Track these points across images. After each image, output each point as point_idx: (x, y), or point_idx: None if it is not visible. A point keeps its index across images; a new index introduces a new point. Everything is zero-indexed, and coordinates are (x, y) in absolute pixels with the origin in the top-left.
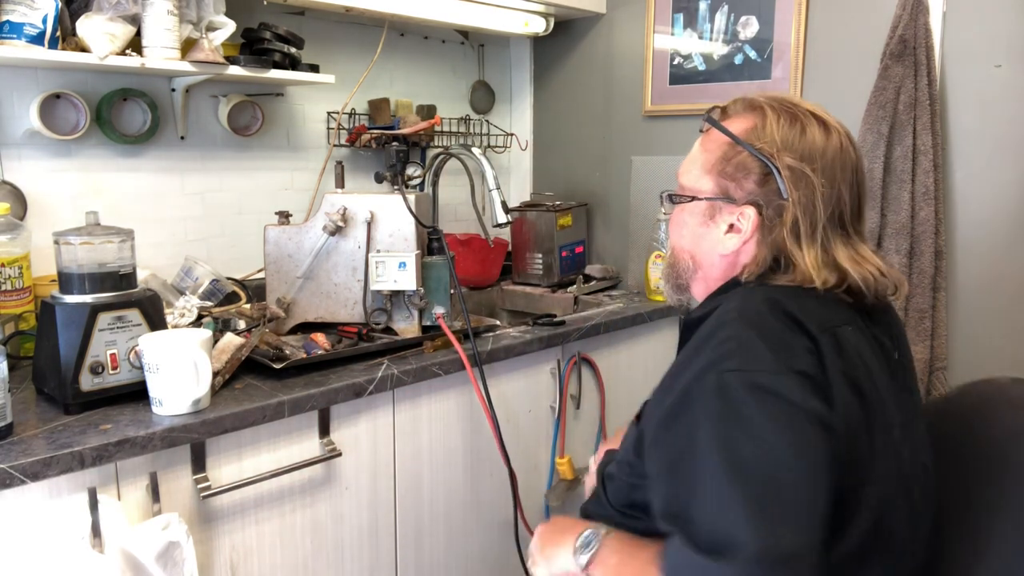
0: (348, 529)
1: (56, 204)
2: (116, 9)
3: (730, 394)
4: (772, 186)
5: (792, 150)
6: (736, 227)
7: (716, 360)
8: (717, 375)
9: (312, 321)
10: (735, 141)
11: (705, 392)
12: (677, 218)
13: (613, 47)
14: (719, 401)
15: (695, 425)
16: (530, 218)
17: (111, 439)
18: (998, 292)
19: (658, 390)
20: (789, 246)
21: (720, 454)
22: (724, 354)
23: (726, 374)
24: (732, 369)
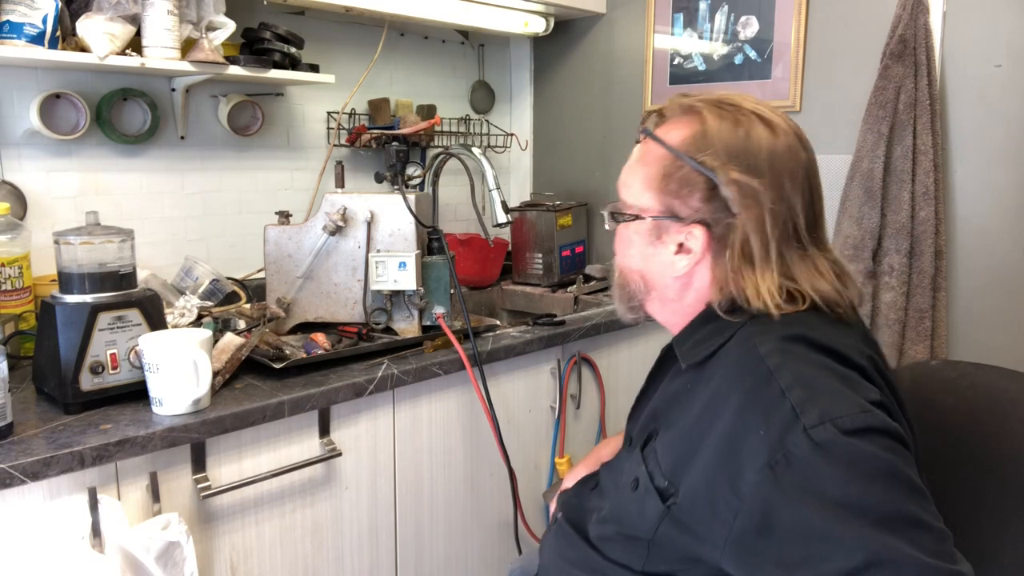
0: (348, 529)
1: (56, 204)
2: (116, 9)
3: (833, 453)
4: (720, 202)
5: (737, 160)
6: (686, 247)
7: (791, 419)
8: (804, 437)
9: (312, 321)
10: (676, 155)
11: (799, 460)
12: (622, 235)
13: (613, 47)
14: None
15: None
16: (530, 218)
17: (111, 439)
18: (998, 292)
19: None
20: (741, 269)
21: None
22: (797, 408)
23: (816, 430)
24: (818, 423)
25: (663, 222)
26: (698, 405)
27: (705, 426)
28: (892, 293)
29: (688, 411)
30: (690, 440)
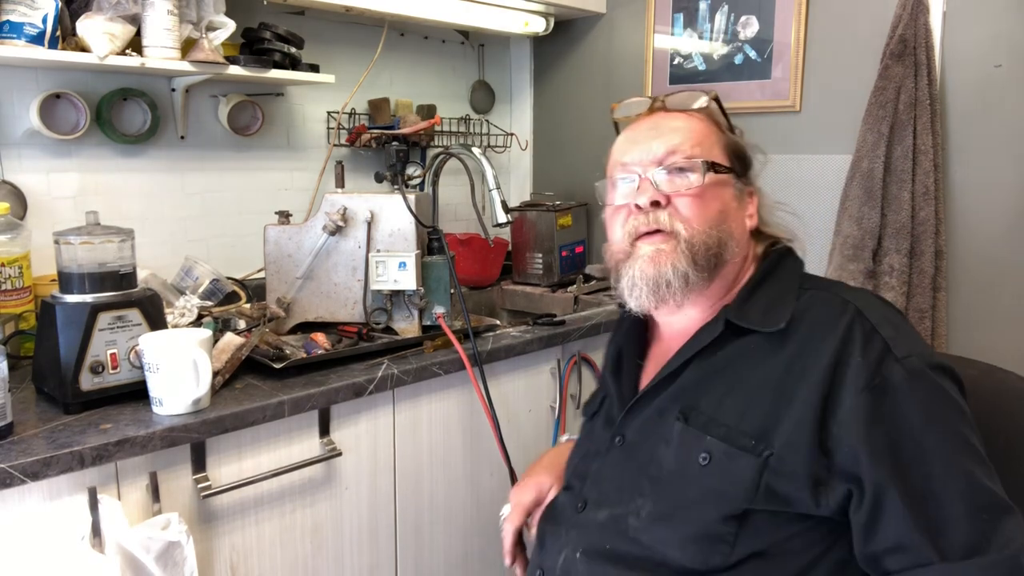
0: (348, 529)
1: (56, 204)
2: (116, 9)
3: (923, 381)
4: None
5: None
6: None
7: (884, 350)
8: (898, 365)
9: (312, 321)
10: (729, 129)
11: (895, 385)
12: (707, 192)
13: (613, 47)
14: (915, 390)
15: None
16: (530, 218)
17: (111, 439)
18: (998, 292)
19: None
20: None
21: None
22: (889, 341)
23: (907, 360)
24: (908, 355)
25: (738, 184)
26: (781, 357)
27: (798, 373)
28: (892, 293)
29: (760, 365)
30: (777, 390)
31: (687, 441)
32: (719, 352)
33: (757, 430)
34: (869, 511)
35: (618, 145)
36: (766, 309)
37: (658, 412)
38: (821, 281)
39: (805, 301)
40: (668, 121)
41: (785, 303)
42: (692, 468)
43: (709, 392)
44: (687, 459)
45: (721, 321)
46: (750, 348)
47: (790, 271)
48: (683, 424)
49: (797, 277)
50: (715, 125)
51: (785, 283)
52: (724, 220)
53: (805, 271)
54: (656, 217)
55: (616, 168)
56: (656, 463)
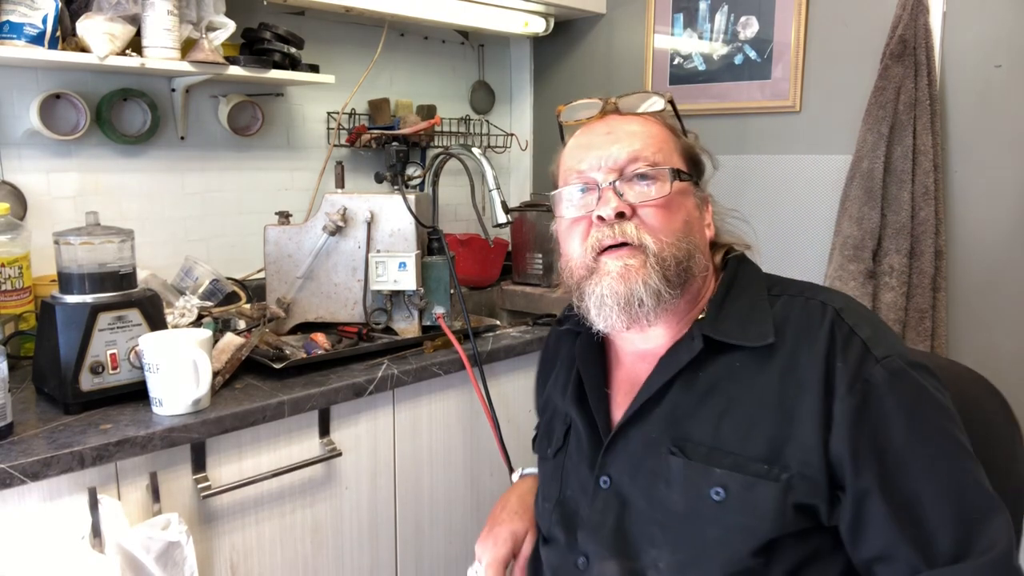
0: (348, 529)
1: (56, 204)
2: (116, 9)
3: (903, 380)
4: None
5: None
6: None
7: (863, 351)
8: (879, 367)
9: (312, 321)
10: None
11: (876, 387)
12: (673, 202)
13: (613, 47)
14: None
15: (883, 423)
16: (530, 218)
17: (111, 439)
18: (998, 292)
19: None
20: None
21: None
22: (867, 342)
23: (885, 362)
24: (886, 355)
25: (698, 190)
26: (772, 372)
27: (795, 386)
28: (892, 293)
29: (751, 383)
30: (775, 407)
31: (692, 477)
32: (700, 372)
33: (766, 453)
34: (852, 518)
35: (570, 151)
36: (742, 321)
37: (644, 446)
38: (787, 284)
39: (781, 309)
40: (624, 125)
41: (761, 313)
42: (706, 506)
43: (699, 418)
44: (698, 497)
45: (698, 338)
46: (736, 365)
47: (752, 277)
48: (682, 459)
49: (762, 283)
50: (670, 129)
51: (752, 291)
52: (690, 231)
53: (763, 273)
54: (622, 229)
55: (570, 176)
56: (660, 507)
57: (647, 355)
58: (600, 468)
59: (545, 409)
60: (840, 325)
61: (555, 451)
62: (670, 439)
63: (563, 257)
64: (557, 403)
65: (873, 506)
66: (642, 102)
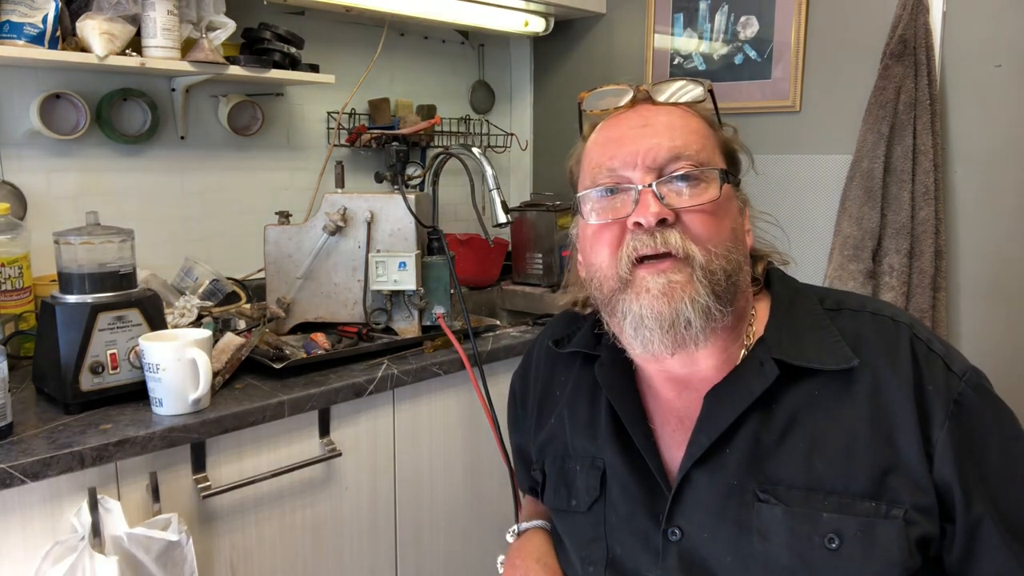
0: (348, 529)
1: (56, 204)
2: (116, 9)
3: (985, 394)
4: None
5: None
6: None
7: (946, 370)
8: (964, 385)
9: (312, 321)
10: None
11: (968, 406)
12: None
13: (613, 47)
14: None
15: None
16: (530, 218)
17: (111, 439)
18: (998, 292)
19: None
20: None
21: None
22: (945, 359)
23: (967, 377)
24: (964, 371)
25: (739, 191)
26: (858, 397)
27: (886, 410)
28: (892, 293)
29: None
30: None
31: (796, 527)
32: (776, 406)
33: (870, 488)
34: (964, 548)
35: (598, 145)
36: (811, 342)
37: (721, 493)
38: (837, 296)
39: (847, 326)
40: (660, 116)
41: (828, 333)
42: (818, 557)
43: (783, 457)
44: (808, 548)
45: (770, 363)
46: (815, 393)
47: (801, 291)
48: (780, 506)
49: (814, 297)
50: (709, 123)
51: (807, 307)
52: (737, 240)
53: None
54: (664, 238)
55: (599, 174)
56: (759, 563)
57: (692, 382)
58: (668, 519)
59: (544, 451)
60: (918, 344)
61: (590, 503)
62: (755, 484)
63: (587, 266)
64: (576, 444)
65: (985, 533)
66: (679, 90)
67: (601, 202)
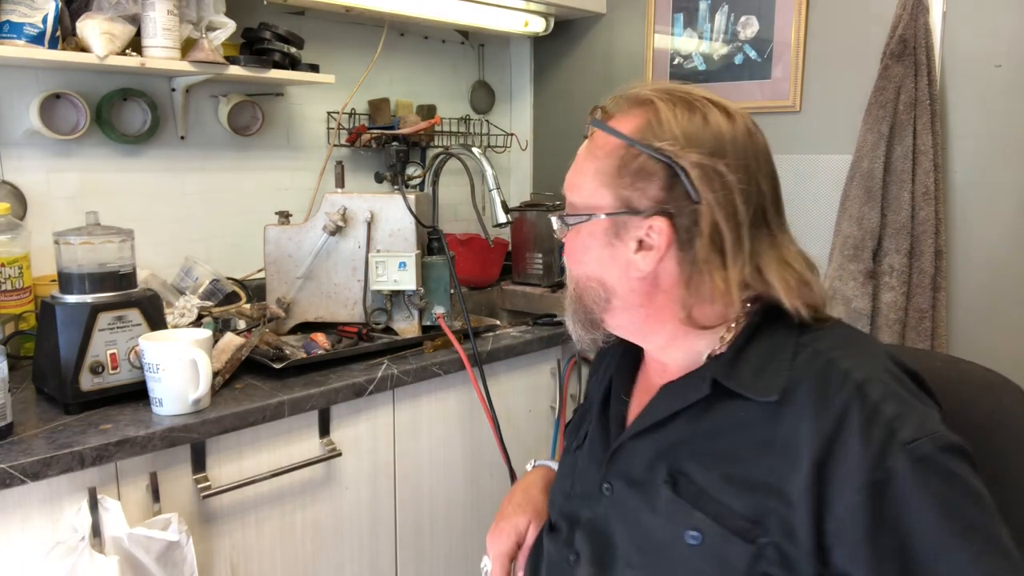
0: (348, 529)
1: (56, 204)
2: (116, 9)
3: (933, 469)
4: (681, 189)
5: (698, 143)
6: (647, 243)
7: (888, 434)
8: (904, 453)
9: (312, 321)
10: (630, 143)
11: (900, 478)
12: (575, 242)
13: (613, 47)
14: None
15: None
16: (530, 218)
17: (111, 439)
18: (998, 292)
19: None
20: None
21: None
22: (893, 423)
23: (912, 447)
24: (915, 438)
25: (620, 219)
26: (776, 430)
27: (791, 457)
28: (892, 293)
29: (754, 439)
30: (771, 469)
31: (675, 514)
32: (707, 413)
33: (752, 512)
34: None
35: None
36: (757, 370)
37: (645, 467)
38: (820, 335)
39: (801, 364)
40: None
41: (778, 364)
42: (681, 546)
43: (698, 458)
44: (675, 535)
45: (708, 381)
46: (741, 416)
47: (782, 318)
48: (671, 492)
49: (794, 328)
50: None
51: (779, 336)
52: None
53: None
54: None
55: None
56: (644, 532)
57: (666, 369)
58: (605, 475)
59: (585, 403)
60: (862, 401)
61: (575, 447)
62: (667, 468)
63: None
64: (589, 415)
65: None
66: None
67: None
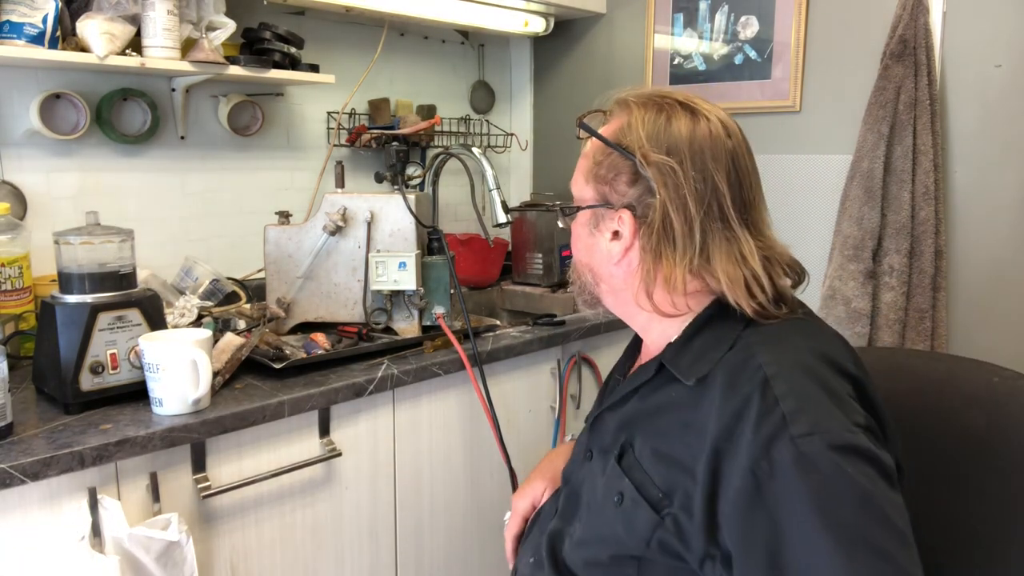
0: (348, 529)
1: (56, 204)
2: (116, 9)
3: (817, 464)
4: (644, 186)
5: (657, 143)
6: (619, 233)
7: (779, 426)
8: (791, 445)
9: (312, 321)
10: (604, 142)
11: (782, 469)
12: (574, 231)
13: (613, 47)
14: (805, 476)
15: (782, 512)
16: (530, 218)
17: (111, 439)
18: (998, 292)
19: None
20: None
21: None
22: (788, 416)
23: (802, 440)
24: (805, 433)
25: (598, 211)
26: (696, 413)
27: (700, 438)
28: (892, 293)
29: (680, 419)
30: (687, 448)
31: (612, 477)
32: (654, 394)
33: (665, 485)
34: None
35: None
36: (697, 357)
37: (611, 437)
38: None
39: (729, 356)
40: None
41: (714, 352)
42: (608, 506)
43: (642, 433)
44: (607, 495)
45: (655, 362)
46: (673, 397)
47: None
48: (615, 461)
49: (741, 323)
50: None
51: (726, 328)
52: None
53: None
54: None
55: None
56: (593, 492)
57: (647, 351)
58: (587, 443)
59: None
60: (764, 392)
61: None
62: (624, 439)
63: None
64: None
65: None
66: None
67: None
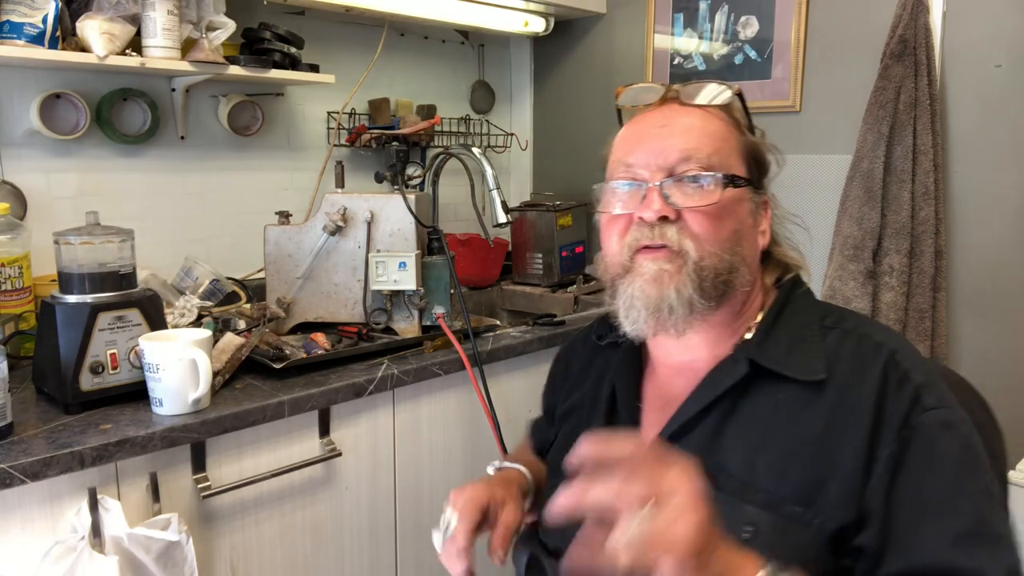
0: (348, 529)
1: (56, 204)
2: (116, 9)
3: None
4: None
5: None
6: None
7: (913, 400)
8: (929, 416)
9: (312, 321)
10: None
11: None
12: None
13: (613, 47)
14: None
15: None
16: (530, 218)
17: (111, 439)
18: (998, 292)
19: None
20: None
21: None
22: (921, 388)
23: (936, 412)
24: (936, 406)
25: (756, 194)
26: (819, 411)
27: (840, 430)
28: (892, 293)
29: (797, 422)
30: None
31: (723, 511)
32: (741, 400)
33: (801, 494)
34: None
35: (621, 140)
36: (792, 351)
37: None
38: (842, 315)
39: (833, 343)
40: (681, 118)
41: (812, 345)
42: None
43: (735, 449)
44: (727, 532)
45: (743, 362)
46: (780, 398)
47: (806, 303)
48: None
49: (816, 311)
50: (734, 125)
51: (804, 318)
52: (738, 242)
53: (816, 300)
54: (663, 232)
55: (618, 169)
56: None
57: (684, 369)
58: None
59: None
60: (894, 367)
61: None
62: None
63: (601, 252)
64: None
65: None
66: (708, 94)
67: (615, 194)
